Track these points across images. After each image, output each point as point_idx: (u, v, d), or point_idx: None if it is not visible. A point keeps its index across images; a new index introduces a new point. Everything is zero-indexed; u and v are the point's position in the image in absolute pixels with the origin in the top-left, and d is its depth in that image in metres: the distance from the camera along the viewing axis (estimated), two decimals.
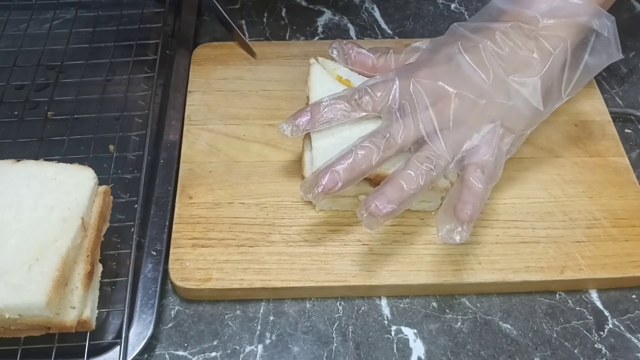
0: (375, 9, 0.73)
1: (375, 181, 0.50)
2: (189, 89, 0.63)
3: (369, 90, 0.49)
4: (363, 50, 0.54)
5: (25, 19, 0.68)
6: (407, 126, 0.48)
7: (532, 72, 0.49)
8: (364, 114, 0.50)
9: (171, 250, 0.51)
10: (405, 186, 0.46)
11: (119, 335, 0.47)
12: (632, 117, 0.64)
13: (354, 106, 0.50)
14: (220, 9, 0.61)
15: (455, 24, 0.52)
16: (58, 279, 0.43)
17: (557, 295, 0.52)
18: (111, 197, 0.52)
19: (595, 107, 0.62)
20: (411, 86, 0.48)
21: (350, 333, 0.50)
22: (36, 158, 0.53)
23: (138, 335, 0.47)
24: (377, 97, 0.49)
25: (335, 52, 0.55)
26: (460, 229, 0.46)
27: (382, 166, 0.48)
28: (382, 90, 0.49)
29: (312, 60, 0.56)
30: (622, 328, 0.50)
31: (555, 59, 0.49)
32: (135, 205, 0.53)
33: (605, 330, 0.50)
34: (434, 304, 0.51)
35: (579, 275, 0.51)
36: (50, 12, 0.70)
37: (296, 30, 0.71)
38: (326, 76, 0.54)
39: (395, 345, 0.49)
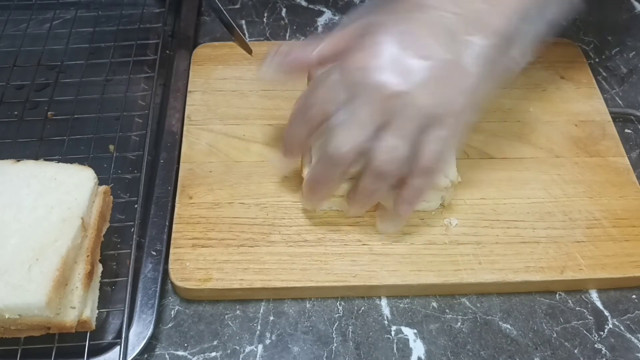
0: None
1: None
2: (189, 89, 0.63)
3: (314, 100, 0.48)
4: (297, 50, 0.50)
5: (25, 19, 0.68)
6: (349, 134, 0.46)
7: (482, 30, 0.45)
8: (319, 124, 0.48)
9: (171, 250, 0.51)
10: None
11: (119, 335, 0.47)
12: (632, 117, 0.64)
13: (312, 124, 0.48)
14: (221, 7, 0.61)
15: None
16: (58, 279, 0.43)
17: (557, 295, 0.52)
18: (111, 197, 0.52)
19: (595, 107, 0.62)
20: (342, 83, 0.46)
21: (350, 333, 0.50)
22: (36, 158, 0.53)
23: (138, 335, 0.47)
24: (324, 107, 0.47)
25: (270, 70, 0.51)
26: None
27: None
28: (324, 95, 0.47)
29: None
30: (622, 328, 0.50)
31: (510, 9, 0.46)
32: (135, 205, 0.53)
33: (605, 330, 0.50)
34: (434, 304, 0.51)
35: (579, 275, 0.51)
36: (50, 12, 0.70)
37: (296, 30, 0.71)
38: None
39: (395, 345, 0.49)
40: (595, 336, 0.50)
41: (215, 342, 0.49)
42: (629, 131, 0.63)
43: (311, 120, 0.48)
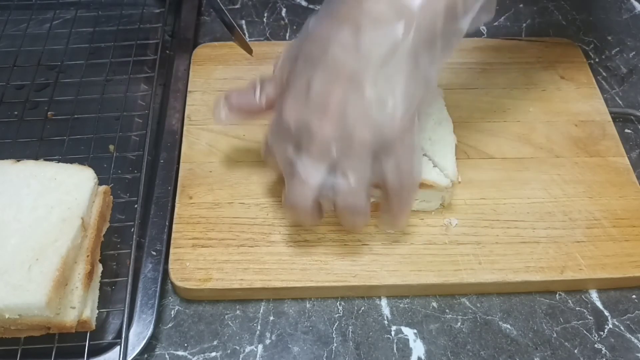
0: None
1: None
2: (189, 89, 0.63)
3: (269, 153, 0.48)
4: (243, 97, 0.50)
5: (25, 19, 0.69)
6: (301, 188, 0.46)
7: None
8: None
9: (171, 250, 0.51)
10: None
11: (119, 335, 0.47)
12: (632, 117, 0.64)
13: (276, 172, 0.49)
14: (222, 7, 0.61)
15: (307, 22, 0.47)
16: (58, 279, 0.43)
17: (557, 295, 0.52)
18: (111, 197, 0.52)
19: (595, 107, 0.62)
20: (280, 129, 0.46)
21: (350, 333, 0.50)
22: (36, 158, 0.53)
23: (138, 335, 0.47)
24: (278, 163, 0.47)
25: (223, 114, 0.50)
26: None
27: None
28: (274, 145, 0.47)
29: None
30: (622, 328, 0.50)
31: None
32: (135, 205, 0.53)
33: (605, 330, 0.50)
34: (434, 304, 0.51)
35: (579, 275, 0.51)
36: (50, 12, 0.70)
37: (296, 30, 0.71)
38: None
39: (395, 345, 0.49)
40: (595, 336, 0.50)
41: (215, 342, 0.49)
42: (629, 131, 0.63)
43: (273, 169, 0.49)
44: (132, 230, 0.51)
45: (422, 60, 0.43)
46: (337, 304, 0.51)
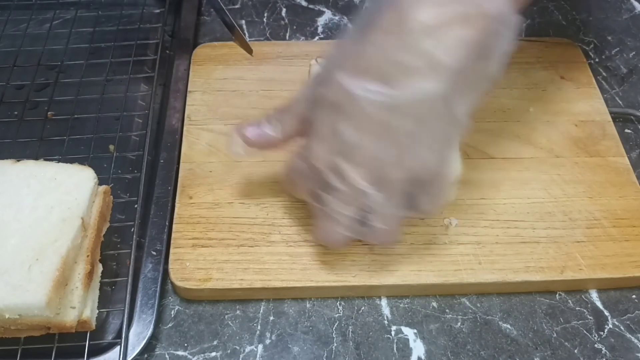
0: None
1: None
2: (189, 89, 0.63)
3: (293, 183, 0.49)
4: (259, 131, 0.49)
5: (25, 19, 0.68)
6: (332, 229, 0.47)
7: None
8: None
9: (171, 250, 0.51)
10: None
11: (119, 335, 0.47)
12: (632, 117, 0.64)
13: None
14: (222, 6, 0.61)
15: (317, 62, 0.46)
16: (58, 279, 0.43)
17: (557, 295, 0.52)
18: (111, 197, 0.52)
19: (595, 107, 0.62)
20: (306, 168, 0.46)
21: (350, 333, 0.50)
22: (36, 158, 0.53)
23: (138, 335, 0.47)
24: (305, 193, 0.48)
25: (241, 149, 0.50)
26: None
27: None
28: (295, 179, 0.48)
29: (313, 62, 0.55)
30: (622, 328, 0.50)
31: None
32: (135, 205, 0.53)
33: (605, 330, 0.50)
34: (434, 304, 0.51)
35: (579, 275, 0.51)
36: (50, 12, 0.70)
37: (296, 30, 0.71)
38: None
39: (395, 345, 0.49)
40: (595, 336, 0.50)
41: (215, 342, 0.49)
42: (629, 131, 0.63)
43: (291, 196, 0.52)
44: (132, 230, 0.51)
45: (455, 106, 0.43)
46: (337, 304, 0.51)
